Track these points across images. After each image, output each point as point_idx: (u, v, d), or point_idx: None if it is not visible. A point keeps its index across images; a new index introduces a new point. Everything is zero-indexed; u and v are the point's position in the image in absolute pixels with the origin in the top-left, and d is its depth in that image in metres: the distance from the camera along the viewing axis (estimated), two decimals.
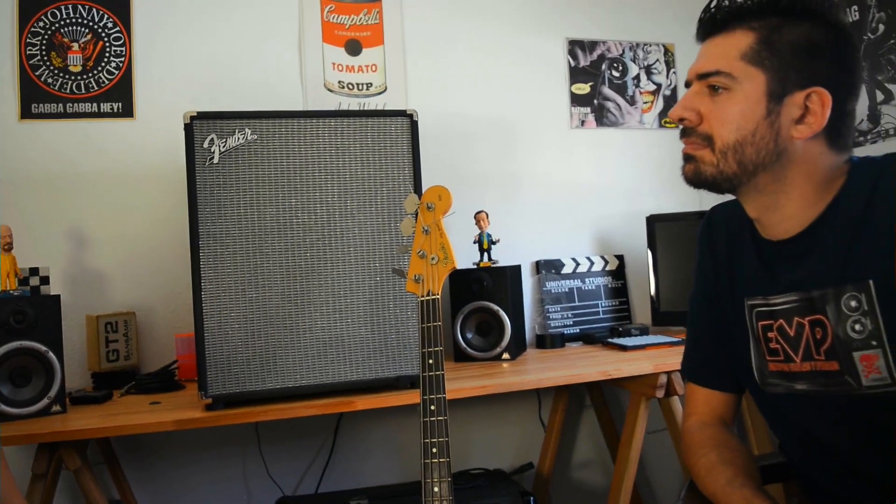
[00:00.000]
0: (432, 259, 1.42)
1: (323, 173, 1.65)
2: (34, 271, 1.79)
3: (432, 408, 1.35)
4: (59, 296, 1.67)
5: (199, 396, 1.59)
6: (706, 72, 1.02)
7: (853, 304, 0.96)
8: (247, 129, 1.61)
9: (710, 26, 1.05)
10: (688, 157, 1.05)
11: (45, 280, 1.81)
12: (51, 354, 1.63)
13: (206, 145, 1.59)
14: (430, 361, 1.37)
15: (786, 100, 0.98)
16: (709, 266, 1.20)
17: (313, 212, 1.65)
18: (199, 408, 1.61)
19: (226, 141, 1.60)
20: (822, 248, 1.00)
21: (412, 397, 1.65)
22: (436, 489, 1.32)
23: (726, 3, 1.03)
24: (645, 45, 2.62)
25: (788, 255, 1.04)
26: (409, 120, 1.71)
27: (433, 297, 1.41)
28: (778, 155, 0.99)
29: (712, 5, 1.04)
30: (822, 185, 1.01)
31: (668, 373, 1.85)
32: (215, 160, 1.59)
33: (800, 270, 1.02)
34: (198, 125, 1.59)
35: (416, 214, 1.47)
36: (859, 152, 1.06)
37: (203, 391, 1.57)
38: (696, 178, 1.04)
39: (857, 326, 0.96)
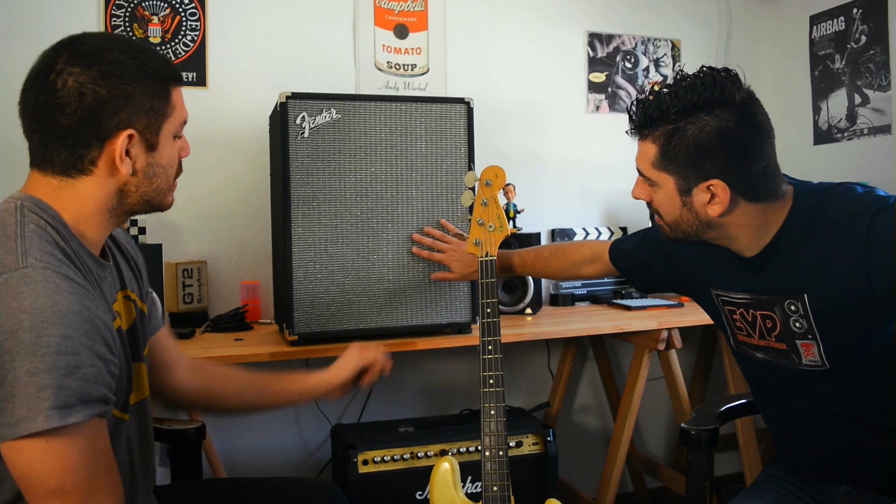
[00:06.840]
0: (490, 227, 1.73)
1: (394, 148, 1.94)
2: (133, 222, 2.05)
3: (489, 347, 1.67)
4: (160, 245, 1.95)
5: (282, 334, 1.90)
6: (640, 171, 1.31)
7: (793, 308, 1.26)
8: (332, 109, 1.89)
9: (633, 134, 1.31)
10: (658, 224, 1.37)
11: (143, 230, 2.08)
12: (154, 295, 1.91)
13: (298, 121, 1.86)
14: (488, 310, 1.68)
15: (693, 191, 1.23)
16: (683, 251, 1.48)
17: (384, 181, 1.93)
18: (283, 343, 1.92)
19: (315, 119, 1.87)
20: (772, 265, 1.27)
21: (461, 340, 1.98)
22: (492, 412, 1.65)
23: (635, 118, 1.27)
24: (655, 39, 2.92)
25: (747, 267, 1.31)
26: (467, 107, 1.99)
27: (490, 258, 1.72)
28: (707, 225, 1.26)
29: (630, 118, 1.29)
30: (762, 225, 1.25)
31: (669, 329, 2.20)
32: (306, 135, 1.87)
33: (754, 280, 1.31)
34: (291, 104, 1.86)
35: (474, 189, 1.78)
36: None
37: (290, 329, 1.87)
38: (665, 237, 1.37)
39: (797, 324, 1.27)
